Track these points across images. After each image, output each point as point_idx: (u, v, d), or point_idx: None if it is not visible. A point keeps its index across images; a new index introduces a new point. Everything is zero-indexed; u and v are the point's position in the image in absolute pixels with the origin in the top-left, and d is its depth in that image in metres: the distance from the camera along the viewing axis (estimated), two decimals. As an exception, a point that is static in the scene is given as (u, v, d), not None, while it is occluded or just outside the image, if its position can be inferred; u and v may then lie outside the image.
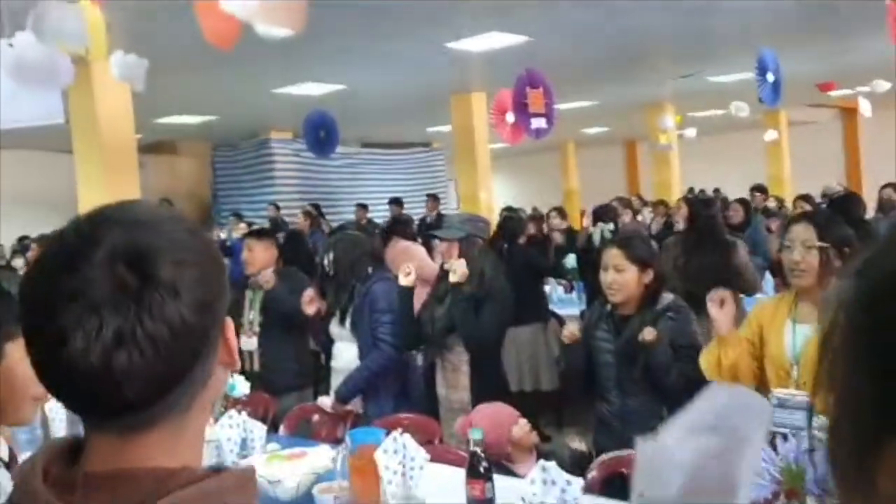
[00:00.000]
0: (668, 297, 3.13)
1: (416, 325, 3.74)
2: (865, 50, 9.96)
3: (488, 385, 3.51)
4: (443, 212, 12.62)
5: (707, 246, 4.99)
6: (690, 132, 12.42)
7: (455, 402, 3.60)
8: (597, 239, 5.49)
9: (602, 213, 5.71)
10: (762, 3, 7.18)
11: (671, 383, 2.91)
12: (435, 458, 2.64)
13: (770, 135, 13.35)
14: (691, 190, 13.79)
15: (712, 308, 2.76)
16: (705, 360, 2.78)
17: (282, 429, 3.56)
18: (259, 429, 3.04)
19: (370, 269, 4.01)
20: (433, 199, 12.74)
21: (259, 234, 4.83)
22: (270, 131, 13.57)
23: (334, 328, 4.06)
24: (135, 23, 5.58)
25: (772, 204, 10.56)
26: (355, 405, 3.92)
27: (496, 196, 12.33)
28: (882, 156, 17.18)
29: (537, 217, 9.30)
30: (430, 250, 5.34)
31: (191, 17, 6.32)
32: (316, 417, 3.94)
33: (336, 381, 4.00)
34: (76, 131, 7.02)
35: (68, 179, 7.37)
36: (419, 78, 9.62)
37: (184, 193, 13.87)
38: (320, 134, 8.51)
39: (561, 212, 8.41)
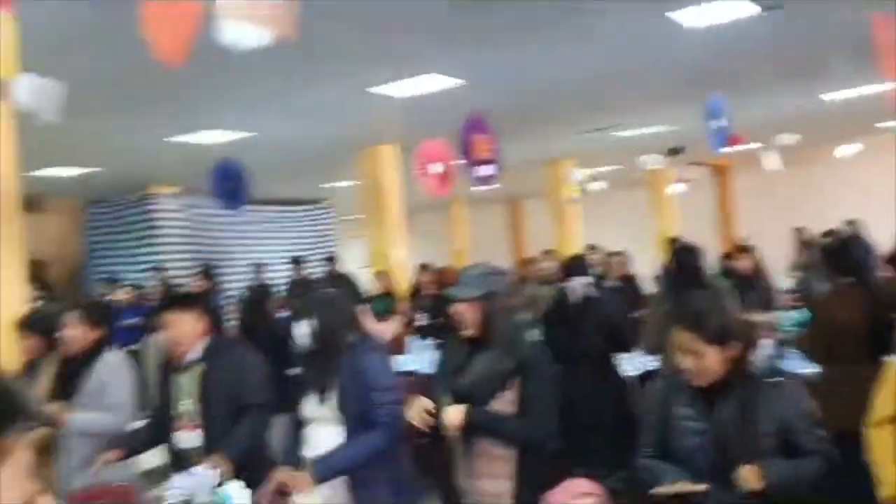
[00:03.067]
0: (761, 359, 2.59)
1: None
2: (768, 105, 10.12)
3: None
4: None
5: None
6: (597, 185, 12.29)
7: (488, 496, 2.89)
8: (574, 295, 4.93)
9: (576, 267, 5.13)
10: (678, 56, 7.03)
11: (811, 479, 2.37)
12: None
13: (677, 187, 13.42)
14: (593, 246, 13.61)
15: None
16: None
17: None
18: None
19: (354, 337, 3.29)
20: (331, 261, 11.98)
21: (180, 303, 3.80)
22: (154, 186, 12.45)
23: (310, 409, 3.29)
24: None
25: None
26: (342, 501, 3.16)
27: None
28: (753, 211, 17.99)
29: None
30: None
31: (79, 54, 5.52)
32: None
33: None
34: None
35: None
36: (331, 127, 8.95)
37: (51, 255, 12.47)
38: (229, 186, 7.66)
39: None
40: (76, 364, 4.02)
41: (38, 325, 4.37)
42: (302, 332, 3.26)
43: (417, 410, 2.93)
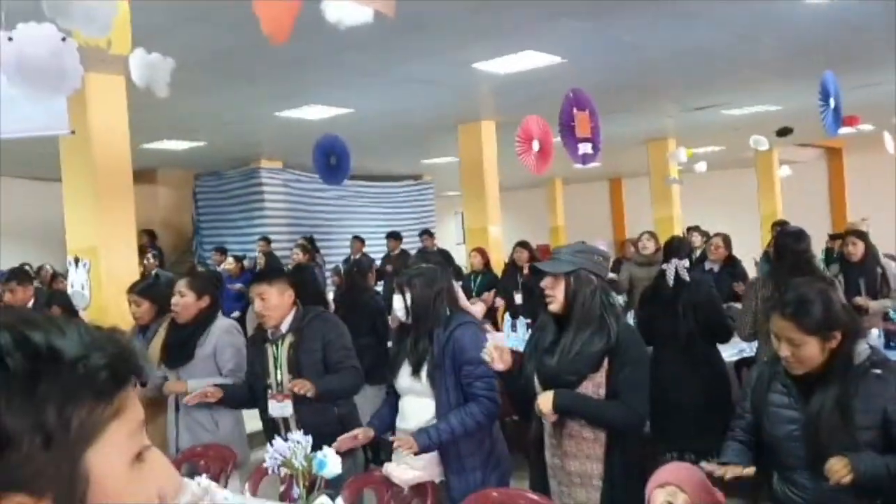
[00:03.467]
0: (863, 349, 2.49)
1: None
2: (887, 84, 9.59)
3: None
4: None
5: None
6: (700, 166, 11.93)
7: (577, 477, 2.89)
8: (671, 277, 4.83)
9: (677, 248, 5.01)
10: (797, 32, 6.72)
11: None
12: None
13: (784, 171, 12.94)
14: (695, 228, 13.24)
15: None
16: None
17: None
18: None
19: (448, 311, 3.33)
20: (428, 235, 12.07)
21: (269, 276, 3.90)
22: (258, 160, 12.83)
23: (405, 381, 3.36)
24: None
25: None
26: (434, 474, 3.22)
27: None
28: (864, 195, 17.06)
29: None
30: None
31: (191, 31, 5.71)
32: (373, 492, 3.23)
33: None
34: (66, 152, 6.26)
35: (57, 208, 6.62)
36: (432, 103, 8.98)
37: (161, 225, 13.04)
38: (330, 160, 7.82)
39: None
40: (186, 330, 4.18)
41: (149, 292, 4.58)
42: (397, 305, 3.32)
43: (489, 349, 2.92)
